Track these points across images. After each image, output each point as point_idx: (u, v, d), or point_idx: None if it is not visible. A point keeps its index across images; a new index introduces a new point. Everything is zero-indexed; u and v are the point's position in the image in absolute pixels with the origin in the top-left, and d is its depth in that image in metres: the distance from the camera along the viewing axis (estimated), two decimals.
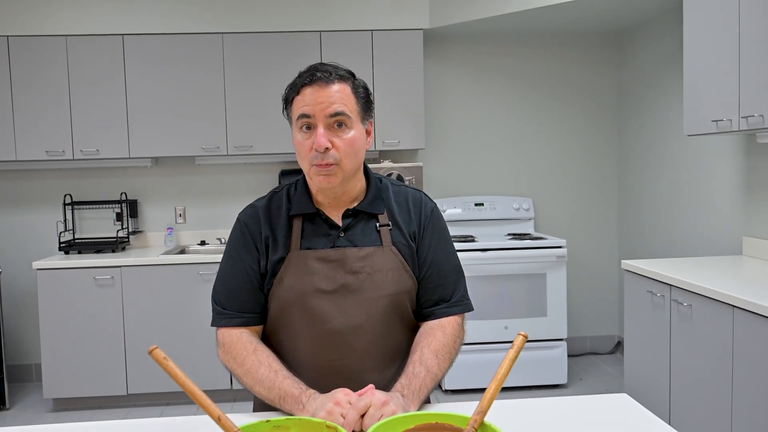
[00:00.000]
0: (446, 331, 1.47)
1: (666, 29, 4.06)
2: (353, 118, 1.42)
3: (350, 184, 1.48)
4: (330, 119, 1.39)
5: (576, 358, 4.61)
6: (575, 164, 4.73)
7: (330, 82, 1.40)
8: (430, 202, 1.58)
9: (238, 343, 1.44)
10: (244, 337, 1.45)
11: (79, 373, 3.91)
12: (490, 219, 4.52)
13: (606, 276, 4.79)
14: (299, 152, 1.43)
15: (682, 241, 3.95)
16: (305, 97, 1.40)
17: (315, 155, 1.39)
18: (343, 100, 1.40)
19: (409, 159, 4.59)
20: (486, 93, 4.67)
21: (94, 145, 4.13)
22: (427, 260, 1.51)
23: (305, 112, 1.39)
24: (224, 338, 1.47)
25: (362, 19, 4.22)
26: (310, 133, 1.41)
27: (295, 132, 1.44)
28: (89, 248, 4.21)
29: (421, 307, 1.52)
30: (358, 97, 1.44)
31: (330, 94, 1.39)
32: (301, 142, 1.42)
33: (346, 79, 1.44)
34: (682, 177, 3.94)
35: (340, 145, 1.40)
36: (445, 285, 1.52)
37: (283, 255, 1.46)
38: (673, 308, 2.87)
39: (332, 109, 1.39)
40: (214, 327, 1.51)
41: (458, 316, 1.52)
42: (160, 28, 4.14)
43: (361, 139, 1.45)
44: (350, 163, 1.42)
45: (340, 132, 1.40)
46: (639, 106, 4.43)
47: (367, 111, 1.47)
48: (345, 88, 1.42)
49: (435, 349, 1.41)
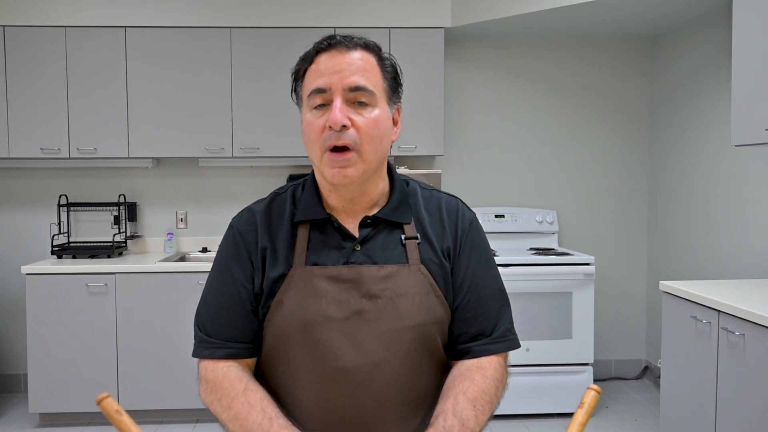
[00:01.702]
0: (487, 374, 1.17)
1: (706, 33, 3.77)
2: (378, 96, 1.14)
3: (370, 183, 1.20)
4: (349, 93, 1.11)
5: (600, 383, 4.29)
6: (602, 176, 4.43)
7: (352, 48, 1.13)
8: (469, 212, 1.30)
9: (225, 381, 1.15)
10: (232, 373, 1.16)
11: (67, 387, 3.65)
12: (511, 232, 4.22)
13: (633, 295, 4.48)
14: (308, 135, 1.15)
15: (722, 261, 3.64)
16: (320, 66, 1.13)
17: (329, 135, 1.11)
18: (367, 71, 1.13)
19: (426, 166, 4.32)
20: (509, 97, 4.39)
21: (92, 144, 3.88)
22: (464, 284, 1.22)
23: (320, 85, 1.12)
24: (207, 373, 1.18)
25: (380, 16, 3.96)
26: (324, 110, 1.12)
27: (305, 112, 1.15)
28: (84, 252, 3.95)
29: (455, 342, 1.23)
30: (384, 71, 1.17)
31: (351, 61, 1.12)
32: (311, 122, 1.14)
33: (371, 49, 1.16)
34: (724, 191, 3.64)
35: (361, 124, 1.12)
36: (487, 315, 1.22)
37: (283, 271, 1.18)
38: (722, 337, 2.57)
39: (352, 81, 1.11)
40: (196, 359, 1.22)
41: (501, 355, 1.22)
42: (165, 20, 3.90)
43: (387, 122, 1.17)
44: (373, 150, 1.14)
45: (361, 109, 1.12)
46: (674, 115, 4.14)
47: (395, 91, 1.19)
48: (369, 58, 1.15)
49: (472, 396, 1.12)
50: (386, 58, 1.19)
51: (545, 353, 3.71)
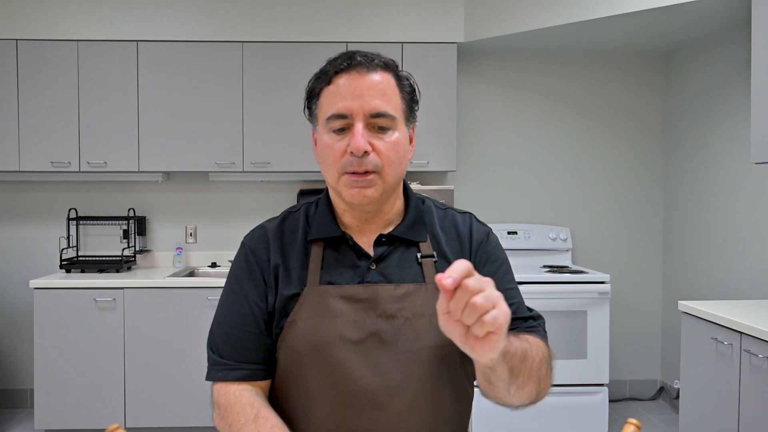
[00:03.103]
0: (541, 344, 1.15)
1: (722, 48, 3.72)
2: (397, 119, 1.12)
3: (387, 202, 1.17)
4: (370, 119, 1.09)
5: (615, 404, 4.20)
6: (617, 192, 4.37)
7: (372, 69, 1.10)
8: (484, 227, 1.26)
9: (236, 406, 1.11)
10: (244, 398, 1.12)
11: (74, 403, 3.59)
12: (524, 249, 4.16)
13: (648, 314, 4.39)
14: (326, 158, 1.12)
15: (742, 280, 3.56)
16: (340, 89, 1.09)
17: (349, 161, 1.08)
18: (387, 94, 1.10)
19: (438, 181, 4.27)
20: (522, 113, 4.34)
21: (102, 157, 3.86)
22: None
23: (340, 111, 1.09)
24: (220, 397, 1.14)
25: (392, 31, 3.93)
26: (343, 134, 1.10)
27: (322, 133, 1.12)
28: (92, 267, 3.91)
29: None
30: (403, 92, 1.14)
31: (371, 85, 1.09)
32: (329, 145, 1.11)
33: (390, 69, 1.13)
34: (742, 208, 3.56)
35: (382, 149, 1.10)
36: (515, 321, 1.17)
37: (297, 291, 1.14)
38: (744, 359, 2.49)
39: (374, 107, 1.08)
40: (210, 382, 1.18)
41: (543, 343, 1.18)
42: (177, 35, 3.89)
43: (406, 144, 1.15)
44: (393, 172, 1.12)
45: (381, 134, 1.10)
46: (689, 132, 4.07)
47: (411, 111, 1.17)
48: (389, 80, 1.12)
49: (540, 353, 1.12)
50: (404, 78, 1.17)
51: (559, 373, 3.59)
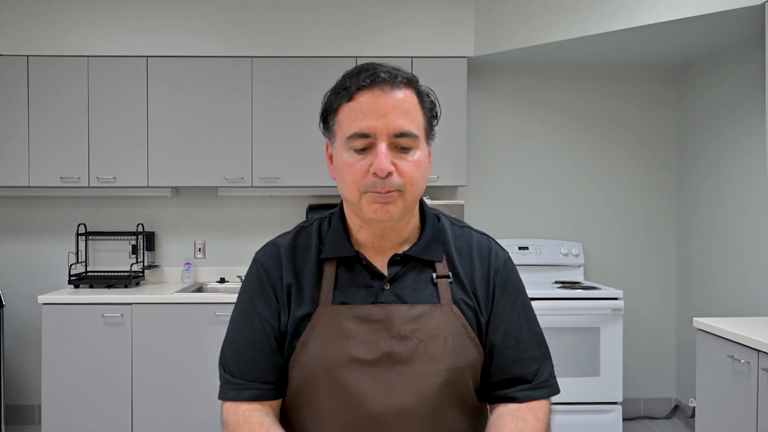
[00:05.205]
0: (539, 416, 1.12)
1: (735, 63, 3.69)
2: (420, 137, 1.09)
3: (404, 219, 1.14)
4: (394, 138, 1.06)
5: (629, 423, 4.13)
6: (629, 208, 4.33)
7: (395, 87, 1.06)
8: (502, 252, 1.23)
9: (246, 425, 1.08)
10: (254, 418, 1.09)
11: (81, 419, 3.57)
12: (535, 264, 4.11)
13: (662, 331, 4.33)
14: (345, 177, 1.08)
15: (757, 297, 3.50)
16: (362, 106, 1.06)
17: (372, 182, 1.05)
18: (410, 113, 1.07)
19: (448, 196, 4.24)
20: (533, 128, 4.32)
21: (112, 173, 3.86)
22: (500, 328, 1.16)
23: (363, 130, 1.05)
24: (229, 416, 1.12)
25: (402, 45, 3.93)
26: (365, 153, 1.06)
27: (341, 150, 1.09)
28: (101, 282, 3.90)
29: (493, 386, 1.16)
30: (424, 109, 1.11)
31: (395, 103, 1.06)
32: (350, 165, 1.07)
33: (412, 85, 1.10)
34: (757, 224, 3.52)
35: (405, 170, 1.07)
36: (525, 361, 1.16)
37: (309, 310, 1.11)
38: (762, 378, 2.44)
39: (397, 126, 1.05)
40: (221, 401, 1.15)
41: (545, 401, 1.15)
42: (187, 50, 3.89)
43: (426, 162, 1.12)
44: (414, 191, 1.09)
45: (404, 154, 1.07)
46: (703, 147, 4.03)
47: (431, 128, 1.14)
48: (411, 97, 1.09)
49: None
50: (425, 94, 1.14)
51: (572, 391, 3.57)
